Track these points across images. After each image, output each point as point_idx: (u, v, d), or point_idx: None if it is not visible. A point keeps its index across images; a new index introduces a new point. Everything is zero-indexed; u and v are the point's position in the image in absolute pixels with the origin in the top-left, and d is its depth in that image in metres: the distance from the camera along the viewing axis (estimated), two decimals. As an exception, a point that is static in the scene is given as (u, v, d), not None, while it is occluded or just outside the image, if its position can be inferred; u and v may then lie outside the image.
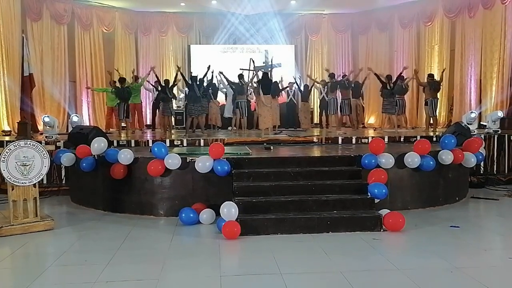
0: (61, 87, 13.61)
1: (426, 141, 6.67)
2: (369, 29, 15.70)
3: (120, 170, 6.44)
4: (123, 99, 10.41)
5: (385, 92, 10.94)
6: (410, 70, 12.36)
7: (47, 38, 13.28)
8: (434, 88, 10.95)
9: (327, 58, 16.03)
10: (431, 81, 11.04)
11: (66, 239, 5.31)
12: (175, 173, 6.31)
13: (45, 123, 9.50)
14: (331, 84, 12.12)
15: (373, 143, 6.49)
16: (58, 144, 8.39)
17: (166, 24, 15.58)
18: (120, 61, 14.91)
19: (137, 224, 5.93)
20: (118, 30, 14.96)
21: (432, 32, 14.18)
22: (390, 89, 10.83)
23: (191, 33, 15.91)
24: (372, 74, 11.52)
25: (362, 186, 5.93)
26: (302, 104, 13.04)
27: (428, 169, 6.48)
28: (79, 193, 7.33)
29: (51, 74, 13.37)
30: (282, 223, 5.36)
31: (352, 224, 5.41)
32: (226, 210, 5.31)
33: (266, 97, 10.38)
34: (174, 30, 15.66)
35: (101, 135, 7.44)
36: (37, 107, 12.81)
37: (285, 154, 7.34)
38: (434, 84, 10.97)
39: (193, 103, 10.40)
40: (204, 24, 15.82)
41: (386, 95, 10.92)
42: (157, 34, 15.55)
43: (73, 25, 14.04)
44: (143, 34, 15.39)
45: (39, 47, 13.09)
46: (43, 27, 13.20)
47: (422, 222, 5.82)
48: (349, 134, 10.17)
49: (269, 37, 15.71)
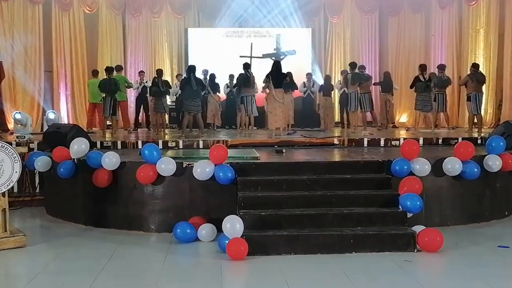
0: (35, 78, 13.71)
1: (469, 144, 6.63)
2: (400, 10, 15.63)
3: (104, 177, 6.46)
4: (109, 92, 10.38)
5: (419, 85, 10.80)
6: (450, 55, 12.12)
7: (19, 20, 13.39)
8: (477, 80, 10.88)
9: (350, 44, 15.98)
10: (474, 72, 10.97)
11: (40, 258, 5.34)
12: (169, 180, 6.32)
13: (16, 120, 9.59)
14: (352, 75, 11.94)
15: (405, 146, 6.47)
16: (31, 146, 8.45)
17: (159, 4, 15.58)
18: (104, 48, 14.98)
19: (124, 241, 5.94)
20: (103, 10, 15.02)
21: (477, 13, 14.11)
22: (425, 81, 10.75)
23: (188, 14, 15.91)
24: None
25: (392, 198, 5.90)
26: (323, 99, 13.00)
27: (472, 177, 6.44)
28: (55, 203, 7.37)
29: (24, 63, 13.48)
30: (296, 241, 5.35)
31: (380, 243, 5.38)
32: (229, 226, 5.30)
33: (277, 91, 10.32)
34: (169, 10, 15.69)
35: (81, 135, 7.46)
36: (6, 101, 12.93)
37: (300, 158, 7.32)
38: (477, 76, 10.90)
39: (191, 98, 10.42)
40: (204, 3, 15.82)
41: (420, 89, 10.80)
42: (149, 16, 15.58)
43: (50, 4, 14.14)
44: (131, 15, 15.44)
45: (9, 31, 13.21)
46: (14, 6, 13.32)
47: (464, 241, 5.78)
48: (377, 135, 10.14)
49: (282, 19, 15.72)
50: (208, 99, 12.47)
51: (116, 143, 8.79)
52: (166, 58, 15.58)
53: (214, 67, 13.37)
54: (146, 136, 10.70)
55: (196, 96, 10.49)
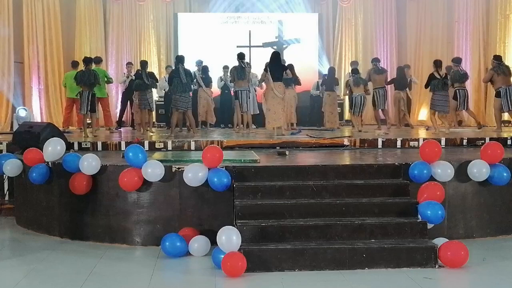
0: (4, 70, 13.74)
1: (498, 145, 6.62)
2: (420, -9, 15.71)
3: (82, 183, 6.46)
4: (87, 85, 10.36)
5: (434, 83, 10.71)
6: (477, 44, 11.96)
7: (-15, 5, 13.43)
8: (504, 73, 10.89)
9: (363, 31, 16.04)
10: (498, 65, 10.98)
11: (10, 275, 5.33)
12: (157, 186, 6.32)
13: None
14: (354, 79, 11.84)
15: (425, 148, 6.46)
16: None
17: (145, -14, 15.68)
18: (83, 36, 15.04)
19: (106, 256, 5.94)
20: (81, -7, 15.08)
21: (507, -4, 14.16)
22: (441, 79, 10.66)
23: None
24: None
25: (410, 206, 5.90)
26: (327, 95, 13.00)
27: (501, 183, 6.43)
28: (27, 213, 7.36)
29: (-10, 53, 13.52)
30: (301, 255, 5.35)
31: (397, 258, 5.38)
32: (225, 238, 5.31)
33: (277, 84, 10.27)
34: (156, -7, 15.77)
35: (57, 135, 7.47)
36: (-29, 97, 12.94)
37: (305, 161, 7.32)
38: (502, 68, 10.90)
39: (179, 93, 10.42)
40: (196, -15, 15.91)
41: (437, 87, 10.70)
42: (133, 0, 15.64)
43: (20, -14, 14.18)
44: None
45: (-26, 17, 13.24)
46: (-21, -11, 13.35)
47: (492, 256, 5.78)
48: (393, 134, 10.14)
49: (284, 2, 15.74)
50: (199, 94, 12.48)
51: (96, 144, 8.79)
52: (153, 48, 15.63)
53: (207, 58, 13.43)
54: (130, 136, 10.71)
55: (186, 90, 10.47)
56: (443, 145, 8.59)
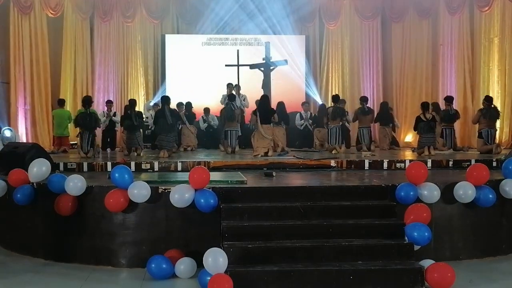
0: (-11, 91, 13.68)
1: (483, 167, 6.67)
2: (405, 15, 15.89)
3: (67, 204, 6.41)
4: (88, 128, 10.31)
5: (421, 126, 10.64)
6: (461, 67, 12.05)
7: (-29, 24, 13.42)
8: (490, 116, 11.02)
9: (349, 53, 16.16)
10: (488, 107, 11.11)
11: (-8, 298, 5.27)
12: (143, 208, 6.30)
13: (-33, 138, 9.51)
14: (333, 110, 11.80)
15: (411, 169, 6.51)
16: (-17, 168, 8.37)
17: (132, 7, 15.69)
18: (70, 56, 15.01)
19: (90, 278, 5.89)
20: (68, 14, 15.09)
21: (491, 20, 14.28)
22: (427, 121, 10.59)
23: (166, 18, 16.06)
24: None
25: (397, 228, 5.91)
26: (317, 131, 13.01)
27: (487, 204, 6.48)
28: (10, 234, 7.28)
29: (-25, 73, 13.48)
30: (287, 278, 5.34)
31: (383, 280, 5.38)
32: (211, 260, 5.28)
33: (265, 127, 10.70)
34: (144, 14, 15.79)
35: (42, 156, 7.43)
36: (-45, 116, 12.86)
37: (293, 182, 7.33)
38: (491, 111, 11.04)
39: (165, 133, 10.61)
40: (184, 7, 15.96)
41: (423, 130, 10.58)
42: (121, 20, 15.66)
43: (7, 6, 14.16)
44: (101, 19, 15.52)
45: (-40, 36, 13.21)
46: (-35, 9, 13.34)
47: (478, 278, 5.80)
48: (379, 156, 10.19)
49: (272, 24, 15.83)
50: (183, 131, 12.56)
51: (82, 165, 8.76)
52: (140, 68, 15.64)
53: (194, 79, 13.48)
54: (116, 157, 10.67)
55: (170, 131, 10.72)
56: (429, 166, 8.64)
